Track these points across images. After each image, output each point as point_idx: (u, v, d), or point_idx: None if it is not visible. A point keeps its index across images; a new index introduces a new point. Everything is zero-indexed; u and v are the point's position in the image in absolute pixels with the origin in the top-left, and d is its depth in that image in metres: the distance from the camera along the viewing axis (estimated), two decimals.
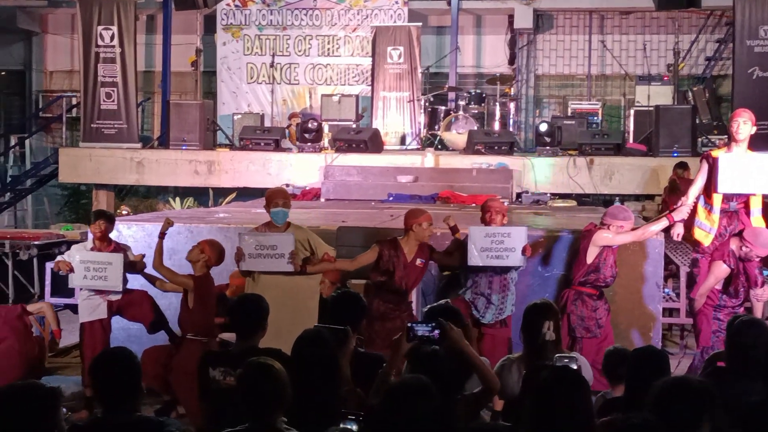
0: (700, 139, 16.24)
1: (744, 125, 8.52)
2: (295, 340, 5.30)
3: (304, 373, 4.94)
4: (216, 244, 8.42)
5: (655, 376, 4.81)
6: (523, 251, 8.18)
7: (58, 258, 9.27)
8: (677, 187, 13.85)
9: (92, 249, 8.86)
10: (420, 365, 4.92)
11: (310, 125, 16.39)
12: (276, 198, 8.11)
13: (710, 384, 4.32)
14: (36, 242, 13.19)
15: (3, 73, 22.61)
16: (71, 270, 8.71)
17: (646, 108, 16.76)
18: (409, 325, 5.29)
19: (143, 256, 8.82)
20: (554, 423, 4.08)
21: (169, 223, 8.59)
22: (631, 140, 16.56)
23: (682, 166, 13.93)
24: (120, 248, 8.97)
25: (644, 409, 4.20)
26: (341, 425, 4.63)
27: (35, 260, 12.99)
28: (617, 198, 15.27)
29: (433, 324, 5.21)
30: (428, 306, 6.18)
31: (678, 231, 8.74)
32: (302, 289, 7.97)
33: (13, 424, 3.73)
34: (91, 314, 8.80)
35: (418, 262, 8.31)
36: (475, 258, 8.22)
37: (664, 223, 8.74)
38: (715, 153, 8.78)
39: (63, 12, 21.15)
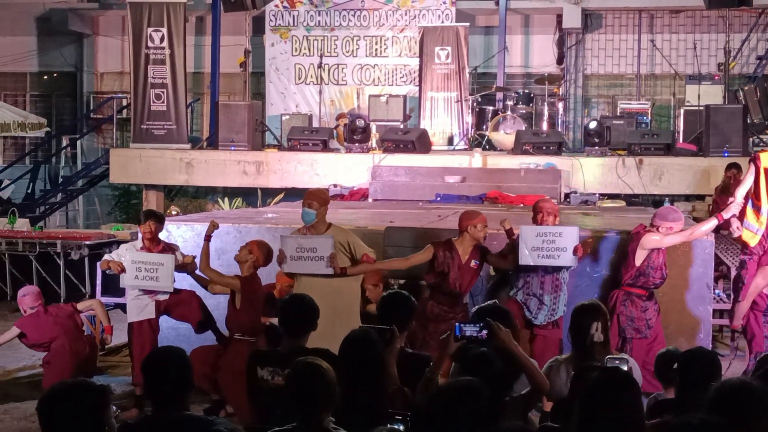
0: (751, 139, 16.05)
1: None
2: (343, 340, 5.30)
3: (351, 373, 4.95)
4: (264, 244, 8.45)
5: (706, 378, 4.77)
6: (575, 251, 8.13)
7: (106, 257, 9.34)
8: (729, 189, 13.71)
9: (141, 249, 8.91)
10: (469, 366, 4.90)
11: (357, 124, 16.41)
12: (307, 198, 8.17)
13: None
14: (87, 242, 13.30)
15: (55, 74, 22.88)
16: (123, 270, 8.73)
17: (696, 108, 16.59)
18: (456, 325, 5.27)
19: (194, 257, 8.85)
20: (604, 424, 4.04)
21: (214, 226, 8.63)
22: (680, 140, 16.40)
23: (735, 166, 13.78)
24: (169, 248, 9.03)
25: (699, 410, 4.15)
26: (388, 425, 4.62)
27: (86, 260, 13.11)
28: (667, 198, 15.13)
29: (481, 324, 5.19)
30: (477, 306, 6.15)
31: (736, 225, 8.63)
32: (344, 291, 7.98)
33: (63, 422, 3.76)
34: (140, 314, 8.87)
35: (473, 263, 8.29)
36: (526, 257, 8.18)
37: (713, 222, 8.66)
38: (764, 155, 8.66)
39: (114, 14, 21.36)
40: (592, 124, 15.83)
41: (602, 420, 4.04)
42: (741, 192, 8.64)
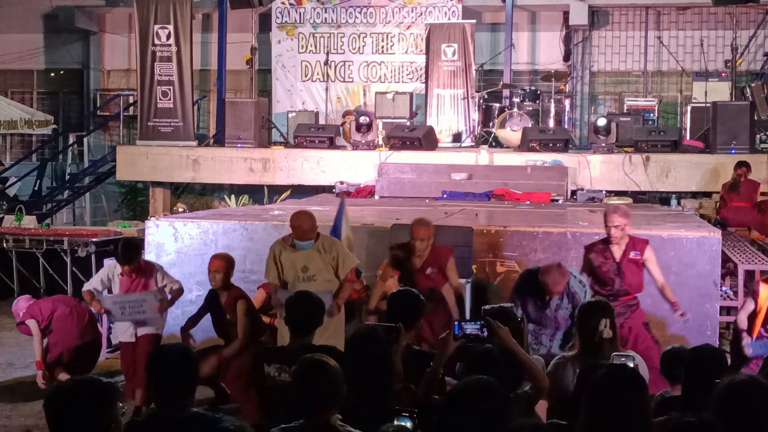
0: (758, 136, 16.04)
1: None
2: (350, 338, 5.31)
3: (358, 371, 4.95)
4: (222, 256, 8.51)
5: (712, 375, 4.75)
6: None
7: (86, 286, 9.00)
8: (738, 186, 13.70)
9: (121, 275, 8.76)
10: (474, 364, 4.91)
11: (361, 120, 16.41)
12: (296, 232, 7.89)
13: None
14: (94, 239, 13.32)
15: (62, 72, 22.91)
16: (106, 312, 8.87)
17: (704, 104, 16.57)
18: (456, 323, 5.29)
19: (180, 287, 8.84)
20: (611, 422, 4.04)
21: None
22: (687, 137, 16.38)
23: (745, 164, 13.78)
24: (149, 270, 8.81)
25: (706, 408, 4.14)
26: (396, 422, 4.62)
27: (93, 257, 13.11)
28: (674, 195, 15.12)
29: (482, 322, 5.22)
30: (483, 307, 6.16)
31: (746, 341, 8.34)
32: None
33: (70, 419, 3.77)
34: (122, 335, 8.86)
35: (428, 271, 8.33)
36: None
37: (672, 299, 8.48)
38: (764, 288, 8.42)
39: (120, 11, 21.38)
40: (601, 121, 15.79)
41: (609, 417, 4.04)
42: (742, 317, 8.42)
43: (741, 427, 3.99)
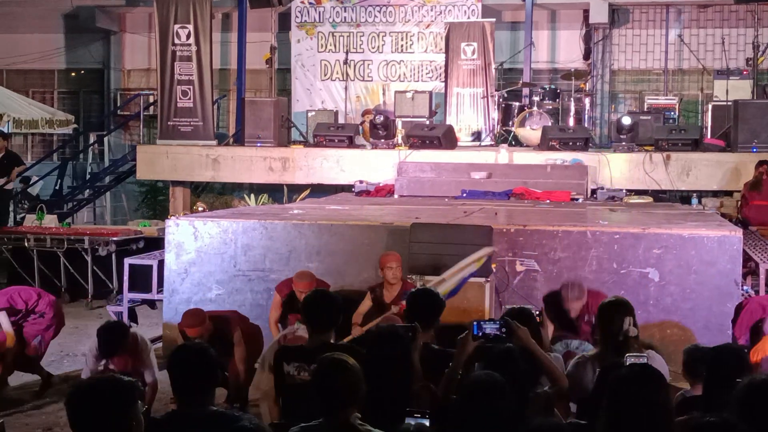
0: None
1: None
2: (370, 337, 5.32)
3: (378, 370, 4.95)
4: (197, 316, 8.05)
5: (734, 374, 4.73)
6: None
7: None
8: (760, 185, 13.63)
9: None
10: (494, 364, 4.91)
11: (377, 120, 16.44)
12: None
13: None
14: (114, 238, 13.38)
15: (82, 71, 23.01)
16: None
17: (725, 103, 16.49)
18: (475, 322, 5.31)
19: (155, 382, 7.90)
20: (632, 421, 4.03)
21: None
22: (708, 135, 16.31)
23: (767, 162, 13.70)
24: (143, 347, 7.97)
25: (727, 407, 4.13)
26: (414, 420, 4.63)
27: (113, 256, 13.17)
28: (694, 194, 15.05)
29: (501, 322, 5.24)
30: (503, 307, 6.20)
31: None
32: None
33: (92, 417, 3.79)
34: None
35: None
36: None
37: None
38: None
39: (140, 11, 21.45)
40: (626, 120, 15.72)
41: (631, 416, 4.03)
42: None
43: (762, 427, 3.97)
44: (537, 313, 6.17)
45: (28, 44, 22.09)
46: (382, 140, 16.31)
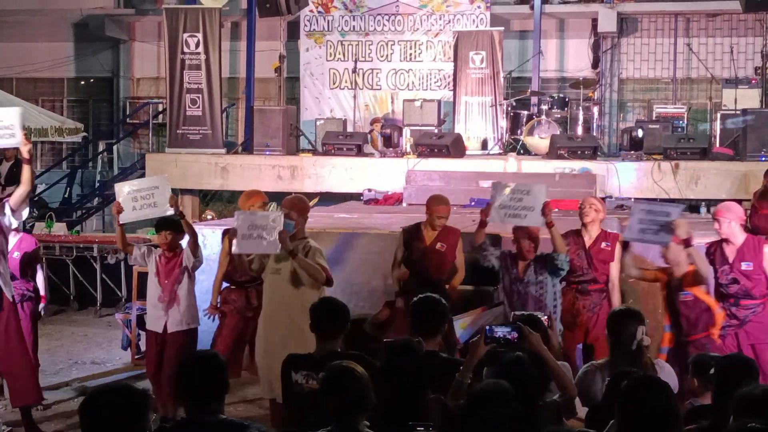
0: None
1: None
2: (386, 349, 5.34)
3: (392, 381, 4.98)
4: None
5: (742, 383, 4.73)
6: (543, 211, 7.86)
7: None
8: None
9: (160, 256, 8.61)
10: (503, 370, 4.91)
11: (384, 133, 16.53)
12: (285, 206, 7.79)
13: None
14: None
15: (92, 80, 23.07)
16: (120, 209, 8.34)
17: (733, 111, 16.47)
18: (487, 326, 5.32)
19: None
20: (642, 428, 4.04)
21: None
22: (717, 144, 16.28)
23: None
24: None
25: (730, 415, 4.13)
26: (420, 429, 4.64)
27: (122, 264, 13.20)
28: (703, 203, 15.03)
29: (512, 327, 5.24)
30: (513, 313, 6.20)
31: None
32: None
33: (105, 425, 3.81)
34: (152, 322, 8.56)
35: (438, 245, 8.57)
36: (493, 216, 8.02)
37: None
38: None
39: (150, 20, 21.51)
40: (640, 133, 15.83)
41: (642, 425, 4.04)
42: None
43: None
44: (545, 317, 6.15)
45: (38, 53, 22.16)
46: (391, 149, 16.33)
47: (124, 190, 8.43)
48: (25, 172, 7.86)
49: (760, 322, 8.08)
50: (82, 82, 23.14)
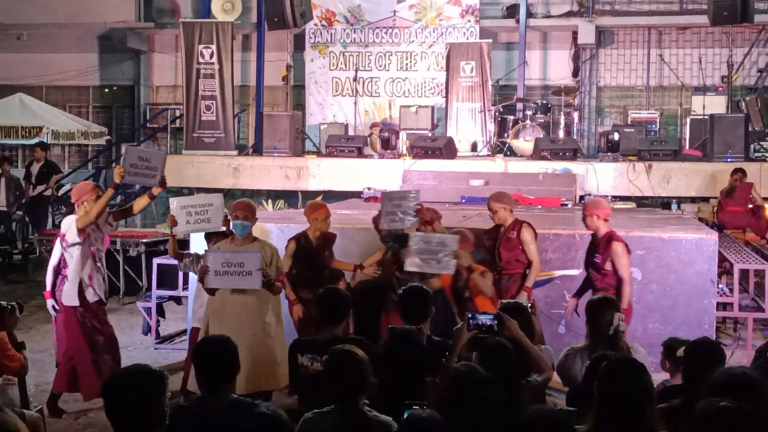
0: (752, 146, 15.94)
1: None
2: (390, 337, 5.33)
3: (395, 368, 4.98)
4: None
5: (711, 365, 4.73)
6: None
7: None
8: (734, 192, 13.63)
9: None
10: (487, 355, 4.92)
11: (383, 136, 16.56)
12: (236, 210, 7.35)
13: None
14: (144, 240, 13.40)
15: (115, 88, 23.04)
16: (174, 223, 7.93)
17: (702, 117, 16.48)
18: (469, 314, 5.34)
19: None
20: (620, 407, 4.04)
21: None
22: (687, 146, 16.29)
23: (741, 171, 13.73)
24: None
25: (701, 397, 4.12)
26: (416, 407, 4.63)
27: (143, 256, 13.19)
28: (674, 200, 15.04)
29: (493, 315, 5.29)
30: (500, 301, 6.21)
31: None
32: (261, 306, 7.30)
33: (128, 404, 3.81)
34: (196, 322, 8.39)
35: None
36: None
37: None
38: None
39: (168, 33, 21.49)
40: (615, 136, 15.86)
41: (619, 404, 4.05)
42: None
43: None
44: (529, 306, 6.15)
45: (66, 63, 22.13)
46: (389, 151, 16.34)
47: (175, 204, 8.08)
48: (143, 202, 8.97)
49: None
50: (106, 90, 23.11)
